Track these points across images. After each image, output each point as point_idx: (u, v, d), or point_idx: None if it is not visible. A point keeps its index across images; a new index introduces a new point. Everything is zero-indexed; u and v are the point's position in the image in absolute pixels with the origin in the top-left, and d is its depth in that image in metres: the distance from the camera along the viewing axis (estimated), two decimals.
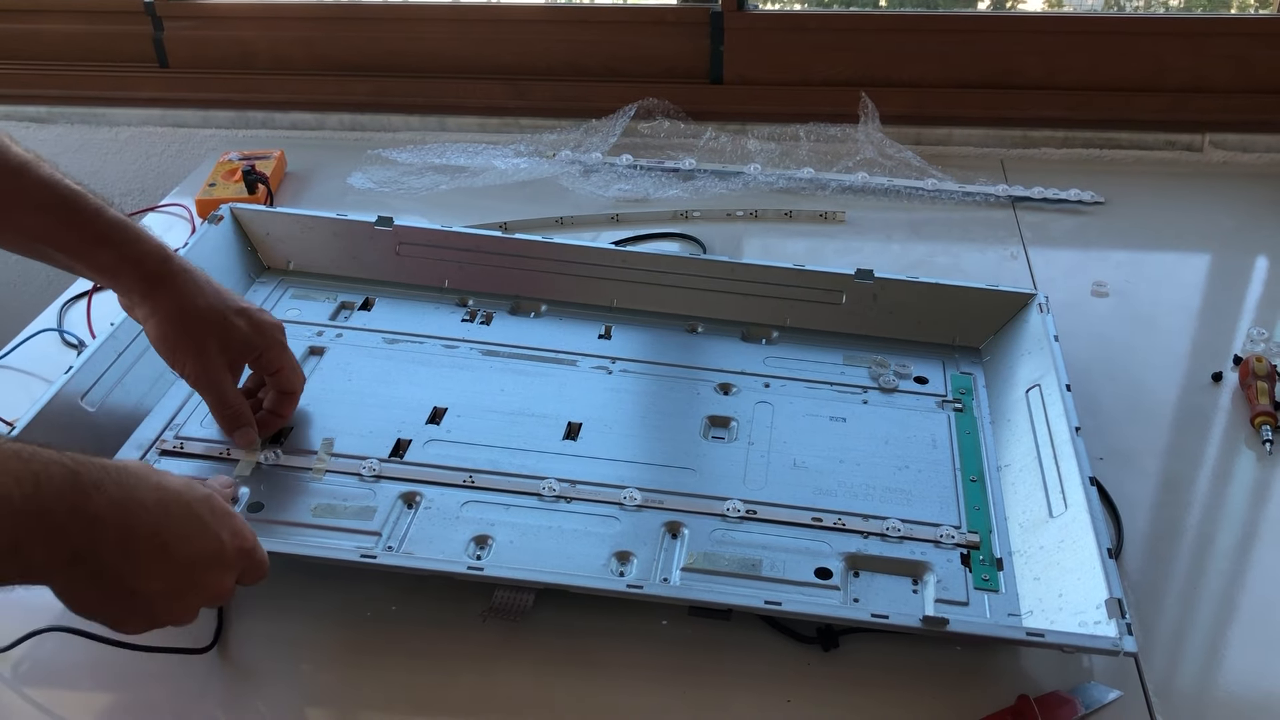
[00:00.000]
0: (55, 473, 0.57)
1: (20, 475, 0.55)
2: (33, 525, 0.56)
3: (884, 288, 1.01)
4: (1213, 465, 0.91)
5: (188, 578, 0.65)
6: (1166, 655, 0.74)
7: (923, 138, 1.39)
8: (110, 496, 0.60)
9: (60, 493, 0.57)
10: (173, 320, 0.83)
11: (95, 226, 0.82)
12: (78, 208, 0.82)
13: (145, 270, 0.83)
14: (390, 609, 0.77)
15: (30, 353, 1.03)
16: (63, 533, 0.58)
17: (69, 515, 0.58)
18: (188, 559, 0.64)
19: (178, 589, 0.65)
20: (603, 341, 1.00)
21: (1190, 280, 1.16)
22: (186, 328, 0.83)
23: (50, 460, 0.58)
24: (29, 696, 0.72)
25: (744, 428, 0.90)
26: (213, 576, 0.66)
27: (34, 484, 0.56)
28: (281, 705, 0.71)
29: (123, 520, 0.61)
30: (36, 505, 0.56)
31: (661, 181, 1.30)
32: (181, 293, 0.83)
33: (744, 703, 0.71)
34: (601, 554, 0.78)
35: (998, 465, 0.88)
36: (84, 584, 0.61)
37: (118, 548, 0.60)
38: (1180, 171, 1.36)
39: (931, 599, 0.76)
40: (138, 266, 0.83)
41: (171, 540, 0.63)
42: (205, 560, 0.65)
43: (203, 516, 0.65)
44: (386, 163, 1.35)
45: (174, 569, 0.64)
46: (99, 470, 0.60)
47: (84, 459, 0.60)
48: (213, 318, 0.84)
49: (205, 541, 0.65)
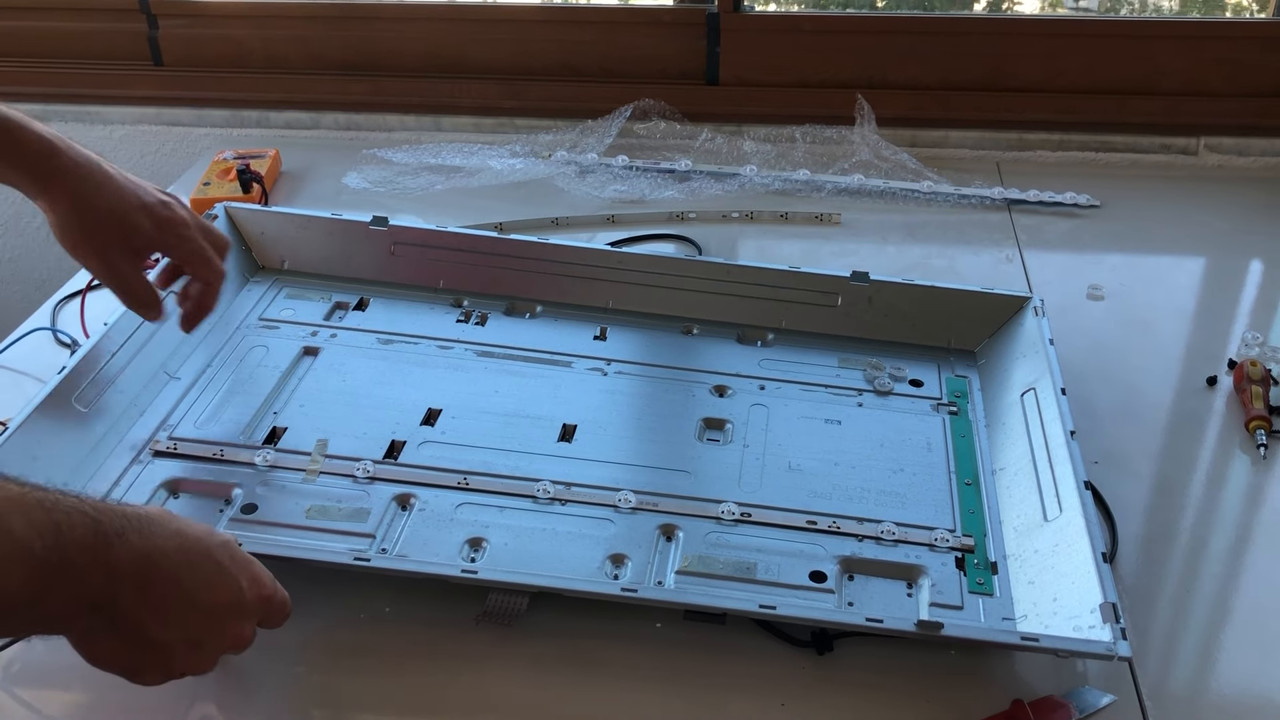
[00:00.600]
0: (77, 522, 0.57)
1: (43, 526, 0.54)
2: (54, 576, 0.55)
3: (879, 290, 1.01)
4: (1207, 469, 0.91)
5: (207, 626, 0.64)
6: (1160, 659, 0.75)
7: (918, 140, 1.39)
8: (131, 545, 0.59)
9: (82, 543, 0.57)
10: (70, 219, 0.82)
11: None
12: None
13: (31, 167, 0.81)
14: (384, 610, 0.76)
15: (23, 351, 1.02)
16: (83, 582, 0.57)
17: (90, 565, 0.57)
18: (207, 607, 0.64)
19: (197, 638, 0.64)
20: (598, 343, 1.00)
21: (1185, 284, 1.16)
22: (85, 227, 0.82)
23: (72, 509, 0.57)
24: (20, 697, 0.71)
25: (739, 430, 0.90)
26: (232, 624, 0.66)
27: (55, 534, 0.55)
28: (275, 707, 0.71)
29: (143, 569, 0.60)
30: (59, 556, 0.55)
31: (657, 183, 1.30)
32: (76, 191, 0.82)
33: (739, 706, 0.71)
34: (596, 556, 0.78)
35: (993, 469, 0.88)
36: (101, 633, 0.61)
37: (137, 596, 0.60)
38: (1175, 175, 1.36)
39: (926, 603, 0.76)
40: (21, 163, 0.81)
41: (192, 588, 0.62)
42: (224, 608, 0.65)
43: (223, 563, 0.65)
44: (381, 163, 1.34)
45: (193, 617, 0.63)
46: (120, 518, 0.60)
47: (105, 506, 0.59)
48: (111, 220, 0.83)
49: (225, 590, 0.64)
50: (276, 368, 0.94)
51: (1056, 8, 1.86)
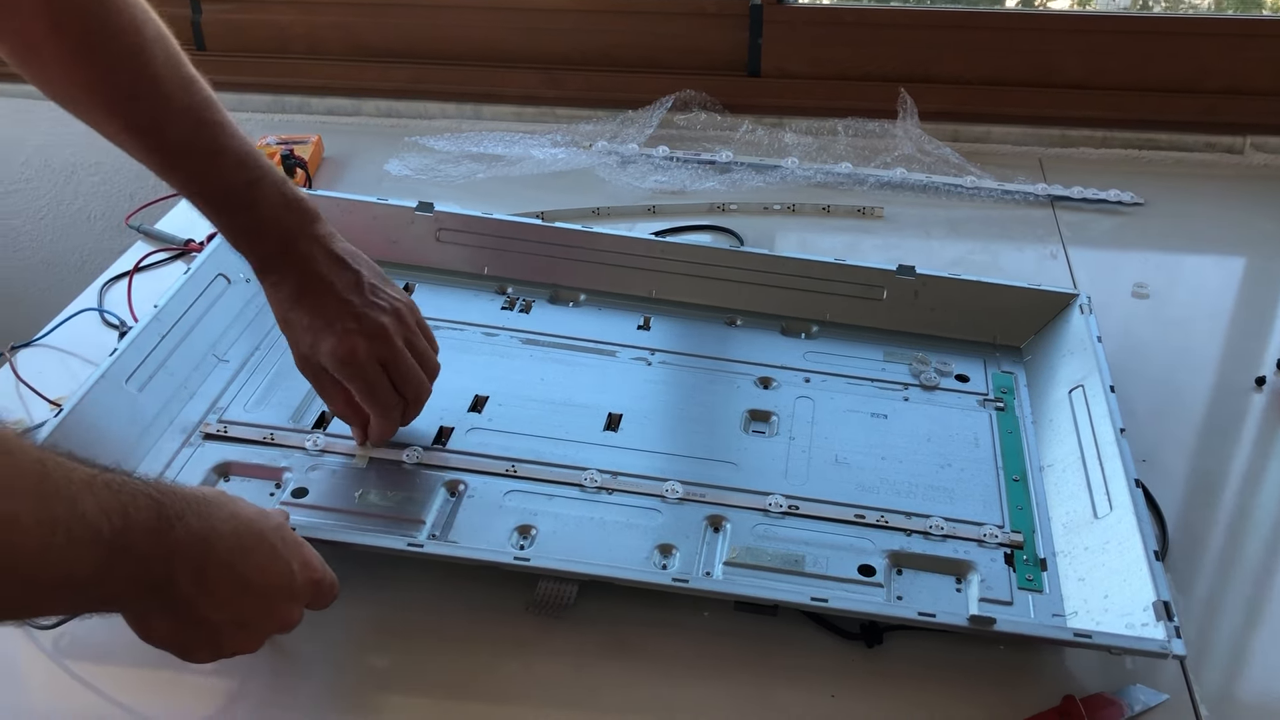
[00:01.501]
0: (142, 504, 0.57)
1: (110, 509, 0.55)
2: (118, 559, 0.55)
3: (925, 284, 1.01)
4: (1256, 469, 0.91)
5: (257, 608, 0.65)
6: (1213, 659, 0.74)
7: (960, 135, 1.38)
8: (190, 528, 0.60)
9: (146, 526, 0.57)
10: (287, 313, 0.81)
11: (240, 198, 0.80)
12: (217, 148, 0.79)
13: (267, 249, 0.81)
14: (430, 595, 0.77)
15: (71, 332, 1.03)
16: (144, 565, 0.58)
17: (152, 549, 0.58)
18: (259, 589, 0.64)
19: (247, 619, 0.65)
20: (642, 332, 1.00)
21: (1229, 283, 1.15)
22: (298, 322, 0.81)
23: (137, 492, 0.57)
24: (71, 670, 0.72)
25: (784, 422, 0.90)
26: (281, 606, 0.66)
27: (123, 517, 0.55)
28: (325, 688, 0.71)
29: (200, 551, 0.60)
30: (124, 540, 0.55)
31: (698, 174, 1.30)
32: (292, 285, 0.81)
33: (788, 696, 0.71)
34: (644, 546, 0.78)
35: (1040, 465, 0.87)
36: (157, 614, 0.61)
37: (192, 578, 0.60)
38: (1220, 174, 1.35)
39: (975, 598, 0.76)
40: (261, 243, 0.81)
41: (245, 571, 0.63)
42: (275, 591, 0.65)
43: (275, 547, 0.65)
44: (423, 150, 1.35)
45: (245, 599, 0.64)
46: (181, 501, 0.60)
47: (166, 488, 0.60)
48: (320, 333, 0.80)
49: (276, 573, 0.65)
50: None
51: (1087, 4, 1.85)
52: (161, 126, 0.78)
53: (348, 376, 0.80)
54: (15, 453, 0.51)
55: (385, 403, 0.81)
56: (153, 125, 0.78)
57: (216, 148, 0.79)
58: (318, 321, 0.80)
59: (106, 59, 0.75)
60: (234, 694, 0.71)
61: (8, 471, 0.50)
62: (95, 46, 0.75)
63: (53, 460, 0.53)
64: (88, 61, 0.75)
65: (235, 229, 0.82)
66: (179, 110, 0.78)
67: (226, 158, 0.79)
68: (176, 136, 0.78)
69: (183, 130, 0.78)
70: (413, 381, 0.82)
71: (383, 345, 0.80)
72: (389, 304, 0.82)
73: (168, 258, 1.13)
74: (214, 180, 0.80)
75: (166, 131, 0.78)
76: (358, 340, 0.79)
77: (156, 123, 0.78)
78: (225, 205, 0.81)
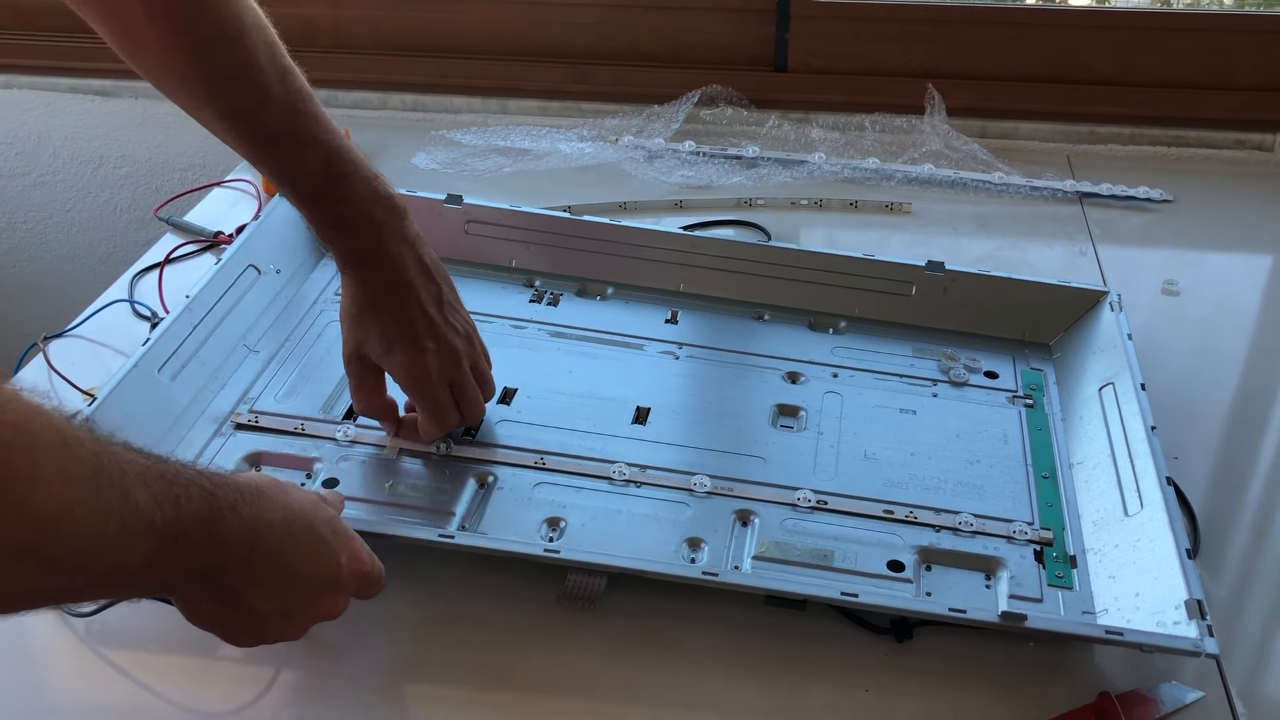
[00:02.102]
0: (195, 494, 0.57)
1: (164, 499, 0.55)
2: (169, 548, 0.56)
3: (955, 280, 1.01)
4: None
5: (302, 598, 0.65)
6: (1249, 657, 0.74)
7: (988, 131, 1.38)
8: (242, 518, 0.60)
9: (198, 515, 0.57)
10: (363, 311, 0.81)
11: (323, 170, 0.79)
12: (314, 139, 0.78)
13: (356, 244, 0.81)
14: (460, 587, 0.77)
15: (102, 323, 1.03)
16: (195, 554, 0.58)
17: (203, 538, 0.58)
18: (306, 581, 0.65)
19: (292, 609, 0.65)
20: (669, 326, 1.00)
21: (1260, 282, 1.14)
22: (372, 323, 0.81)
23: (190, 481, 0.57)
24: (106, 657, 0.73)
25: (813, 417, 0.90)
26: (326, 597, 0.67)
27: (175, 507, 0.55)
28: (356, 678, 0.72)
29: (251, 541, 0.61)
30: (176, 529, 0.56)
31: (725, 169, 1.30)
32: (376, 284, 0.81)
33: (819, 691, 0.71)
34: (673, 540, 0.78)
35: (1070, 462, 0.87)
36: (205, 599, 0.62)
37: (241, 567, 0.61)
38: (1250, 171, 1.34)
39: (1005, 595, 0.75)
40: (350, 237, 0.81)
41: (293, 561, 0.63)
42: (321, 581, 0.66)
43: (325, 538, 0.66)
44: (450, 144, 1.35)
45: (291, 589, 0.64)
46: (234, 491, 0.60)
47: (219, 478, 0.60)
48: (396, 342, 0.81)
49: (325, 565, 0.66)
50: None
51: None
52: (258, 113, 0.77)
53: (416, 392, 0.82)
54: (72, 445, 0.51)
55: (445, 421, 0.83)
56: (249, 111, 0.77)
57: (309, 139, 0.79)
58: (395, 329, 0.81)
59: (206, 42, 0.75)
60: (267, 682, 0.71)
61: (64, 463, 0.50)
62: (194, 29, 0.74)
63: (108, 451, 0.53)
64: (187, 44, 0.74)
65: (325, 221, 0.81)
66: (276, 98, 0.77)
67: (319, 149, 0.79)
68: (272, 124, 0.78)
69: (278, 118, 0.78)
70: (474, 406, 0.84)
71: (454, 369, 0.82)
72: (463, 328, 0.84)
73: (196, 250, 1.14)
74: (306, 170, 0.79)
75: (263, 118, 0.77)
76: (433, 360, 0.81)
77: (253, 109, 0.77)
78: (317, 197, 0.81)
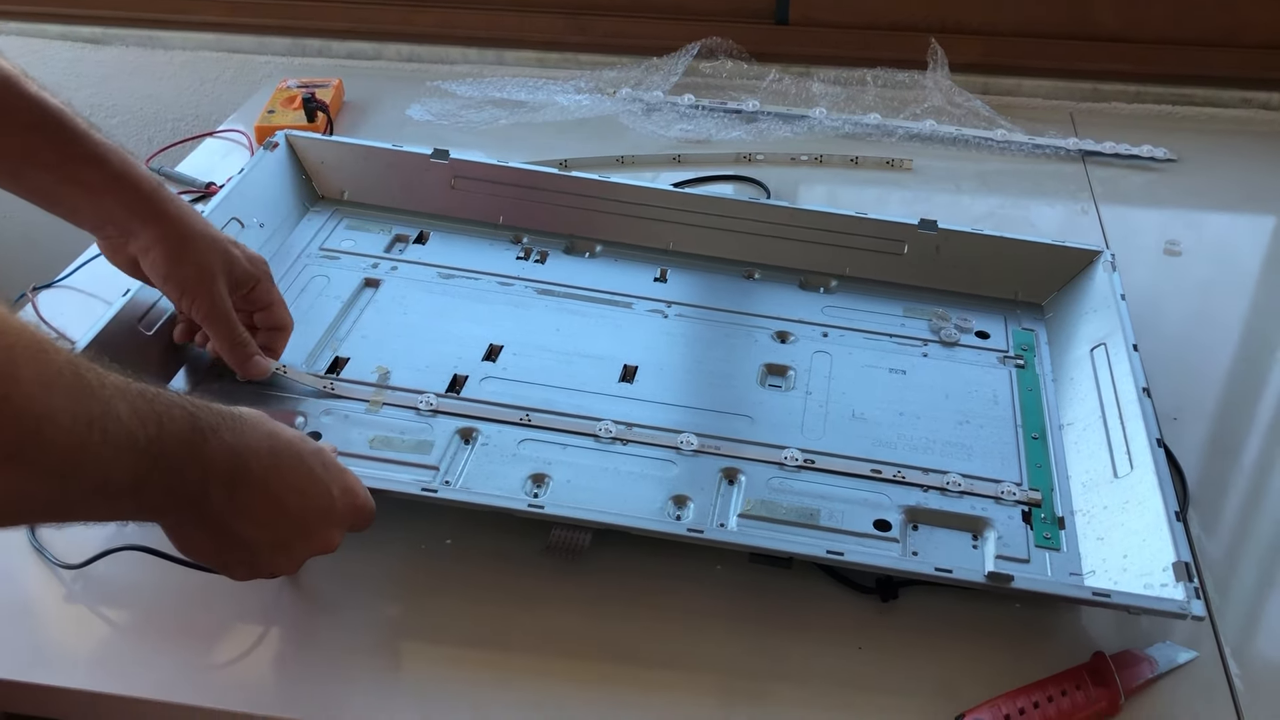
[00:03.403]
0: (177, 415, 0.57)
1: (146, 416, 0.54)
2: (153, 467, 0.55)
3: (947, 239, 0.99)
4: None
5: (294, 529, 0.65)
6: (1243, 617, 0.74)
7: (990, 87, 1.36)
8: (224, 442, 0.59)
9: (180, 436, 0.57)
10: (180, 249, 0.78)
11: (84, 145, 0.75)
12: (65, 125, 0.75)
13: (144, 192, 0.77)
14: (445, 542, 0.77)
15: (92, 274, 1.02)
16: (179, 476, 0.57)
17: (187, 460, 0.57)
18: (296, 511, 0.64)
19: (283, 540, 0.65)
20: (658, 284, 0.99)
21: (1262, 243, 1.13)
22: (195, 258, 0.78)
23: (171, 403, 0.57)
24: (95, 609, 0.73)
25: (801, 377, 0.89)
26: (320, 531, 0.66)
27: (157, 425, 0.55)
28: (340, 632, 0.71)
29: (234, 465, 0.60)
30: (159, 447, 0.55)
31: (724, 123, 1.28)
32: (184, 219, 0.78)
33: (805, 649, 0.71)
34: (658, 497, 0.77)
35: (1059, 423, 0.86)
36: (192, 527, 0.62)
37: (226, 494, 0.60)
38: (1256, 130, 1.32)
39: (992, 555, 0.75)
40: (136, 188, 0.77)
41: (281, 491, 0.63)
42: (314, 514, 0.65)
43: (314, 470, 0.65)
44: (445, 95, 1.33)
45: (281, 520, 0.64)
46: (215, 415, 0.60)
47: (201, 403, 0.59)
48: (216, 247, 0.79)
49: (316, 496, 0.65)
50: (338, 298, 0.94)
51: None
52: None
53: (269, 280, 0.85)
54: (50, 353, 0.50)
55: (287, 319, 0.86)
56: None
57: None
58: (218, 238, 0.81)
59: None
60: (253, 637, 0.71)
61: (42, 368, 0.49)
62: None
63: (85, 364, 0.53)
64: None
65: (91, 187, 0.78)
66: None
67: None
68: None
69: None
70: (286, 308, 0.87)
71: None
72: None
73: (189, 201, 1.12)
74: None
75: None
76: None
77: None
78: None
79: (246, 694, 0.68)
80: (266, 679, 0.69)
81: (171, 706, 0.68)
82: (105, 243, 0.80)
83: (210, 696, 0.68)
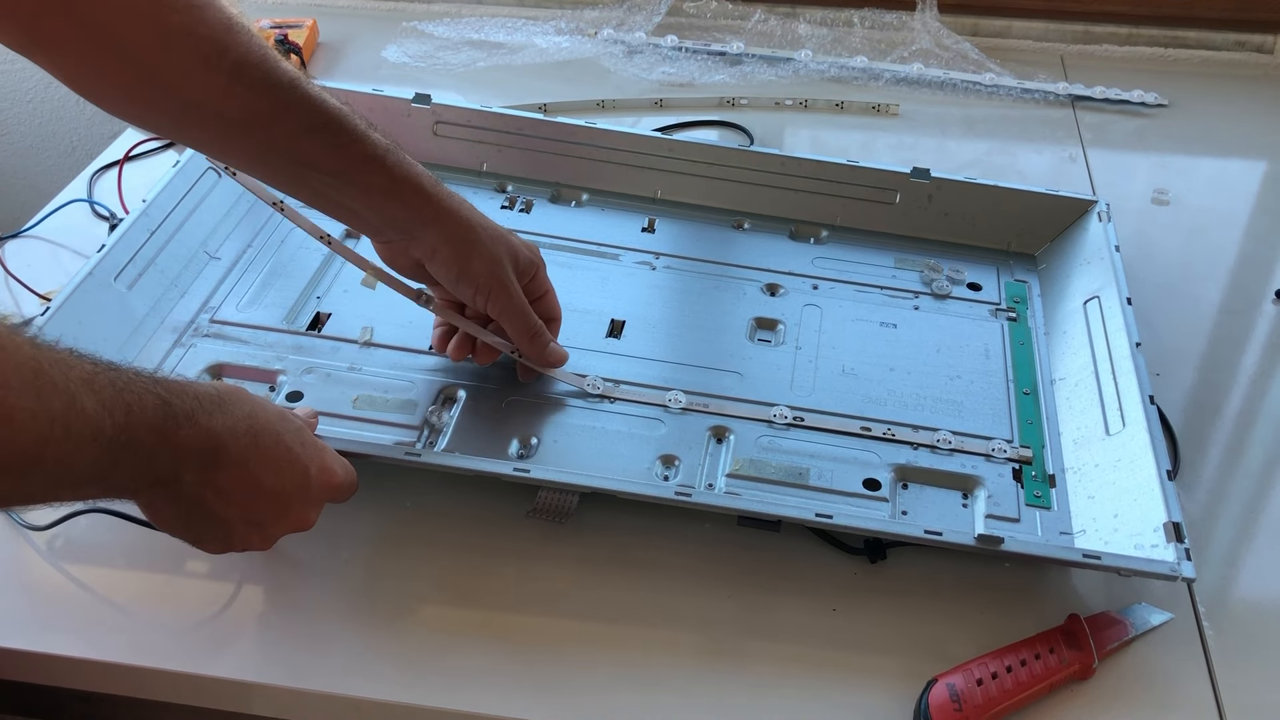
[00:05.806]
0: (149, 404, 0.56)
1: (112, 404, 0.53)
2: (121, 454, 0.54)
3: (940, 188, 0.98)
4: (1272, 386, 0.89)
5: (270, 509, 0.64)
6: (1219, 578, 0.73)
7: (980, 29, 1.33)
8: (200, 426, 0.59)
9: (151, 424, 0.56)
10: (467, 247, 0.75)
11: (363, 146, 0.72)
12: (344, 127, 0.72)
13: (424, 192, 0.74)
14: (430, 502, 0.76)
15: (61, 223, 1.00)
16: (150, 461, 0.57)
17: (157, 446, 0.57)
18: (272, 491, 0.63)
19: (259, 519, 0.64)
20: (646, 235, 0.97)
21: (1255, 190, 1.11)
22: (483, 253, 0.75)
23: (143, 389, 0.56)
24: (67, 572, 0.72)
25: (791, 331, 0.88)
26: (295, 509, 0.66)
27: (125, 413, 0.54)
28: (321, 594, 0.71)
29: (210, 447, 0.59)
30: (127, 436, 0.54)
31: (707, 66, 1.25)
32: (464, 214, 0.75)
33: (789, 609, 0.70)
34: (646, 457, 0.77)
35: (1052, 379, 0.85)
36: (165, 504, 0.61)
37: (201, 476, 0.60)
38: (1249, 74, 1.30)
39: (982, 514, 0.74)
40: (417, 188, 0.74)
41: (257, 471, 0.62)
42: (289, 493, 0.64)
43: (293, 449, 0.64)
44: (422, 36, 1.30)
45: (257, 499, 0.63)
46: (191, 399, 0.59)
47: (177, 387, 0.58)
48: (499, 238, 0.77)
49: (292, 475, 0.64)
50: (319, 251, 0.91)
51: None
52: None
53: (544, 269, 0.82)
54: (8, 348, 0.49)
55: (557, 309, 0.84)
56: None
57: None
58: (504, 234, 0.79)
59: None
60: (231, 598, 0.70)
61: (1, 366, 0.48)
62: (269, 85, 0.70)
63: (49, 356, 0.51)
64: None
65: (371, 188, 0.75)
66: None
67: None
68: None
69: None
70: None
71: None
72: None
73: (159, 146, 1.09)
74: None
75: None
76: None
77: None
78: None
79: (222, 657, 0.67)
80: (244, 640, 0.68)
81: (145, 671, 0.67)
82: (384, 247, 0.77)
83: (185, 661, 0.67)
